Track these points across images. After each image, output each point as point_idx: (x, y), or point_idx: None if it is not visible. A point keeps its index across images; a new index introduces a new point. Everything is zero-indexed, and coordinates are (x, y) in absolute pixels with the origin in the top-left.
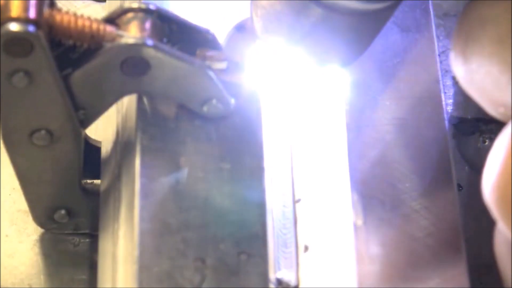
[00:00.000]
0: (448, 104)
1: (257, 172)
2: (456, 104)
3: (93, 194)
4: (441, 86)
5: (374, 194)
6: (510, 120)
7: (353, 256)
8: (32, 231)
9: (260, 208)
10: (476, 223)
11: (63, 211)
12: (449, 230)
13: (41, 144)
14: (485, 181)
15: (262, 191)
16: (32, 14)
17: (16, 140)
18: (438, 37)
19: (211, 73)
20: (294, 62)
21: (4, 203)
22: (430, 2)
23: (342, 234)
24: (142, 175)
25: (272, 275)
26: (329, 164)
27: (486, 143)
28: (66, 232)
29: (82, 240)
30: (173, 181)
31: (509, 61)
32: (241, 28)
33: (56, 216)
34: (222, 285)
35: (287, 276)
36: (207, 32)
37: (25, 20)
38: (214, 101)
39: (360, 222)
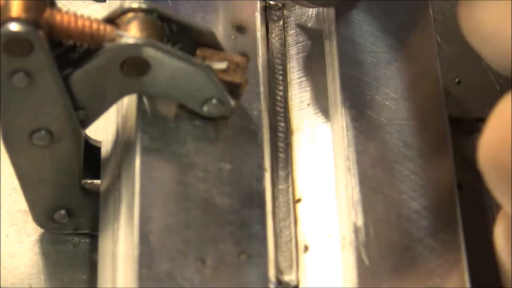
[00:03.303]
0: (448, 104)
1: (257, 172)
2: (456, 104)
3: (93, 194)
4: (441, 86)
5: (374, 194)
6: None
7: (353, 256)
8: (32, 231)
9: (260, 208)
10: (476, 223)
11: (63, 211)
12: (449, 230)
13: (41, 144)
14: (481, 145)
15: (262, 191)
16: (32, 14)
17: (16, 140)
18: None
19: (212, 73)
20: None
21: (4, 203)
22: (430, 2)
23: (342, 234)
24: (142, 175)
25: (272, 275)
26: (329, 164)
27: None
28: (66, 232)
29: (82, 240)
30: (173, 181)
31: None
32: None
33: (56, 216)
34: (222, 285)
35: (287, 276)
36: (207, 32)
37: (25, 20)
38: (214, 101)
39: (360, 222)
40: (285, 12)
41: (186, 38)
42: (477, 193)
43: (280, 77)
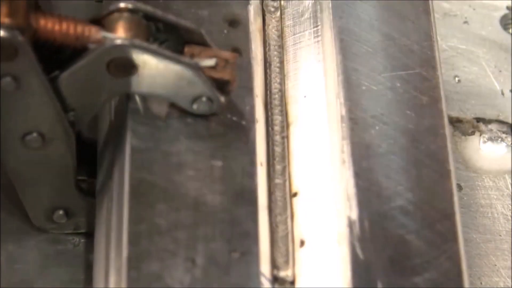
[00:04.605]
0: (448, 103)
1: (249, 169)
2: (455, 104)
3: (91, 194)
4: (441, 86)
5: (369, 187)
6: None
7: (349, 251)
8: (32, 231)
9: (252, 205)
10: (476, 223)
11: (61, 212)
12: (446, 221)
13: (34, 146)
14: None
15: (254, 188)
16: (16, 19)
17: (9, 143)
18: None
19: (199, 71)
20: None
21: (4, 203)
22: (430, 2)
23: (338, 228)
24: (132, 175)
25: (268, 271)
26: (326, 157)
27: (486, 143)
28: (66, 232)
29: (82, 240)
30: (163, 181)
31: None
32: None
33: (54, 216)
34: (213, 285)
35: (283, 271)
36: (194, 29)
37: (9, 26)
38: (203, 99)
39: (354, 216)
40: (282, 3)
41: (173, 36)
42: (477, 193)
43: (277, 69)
